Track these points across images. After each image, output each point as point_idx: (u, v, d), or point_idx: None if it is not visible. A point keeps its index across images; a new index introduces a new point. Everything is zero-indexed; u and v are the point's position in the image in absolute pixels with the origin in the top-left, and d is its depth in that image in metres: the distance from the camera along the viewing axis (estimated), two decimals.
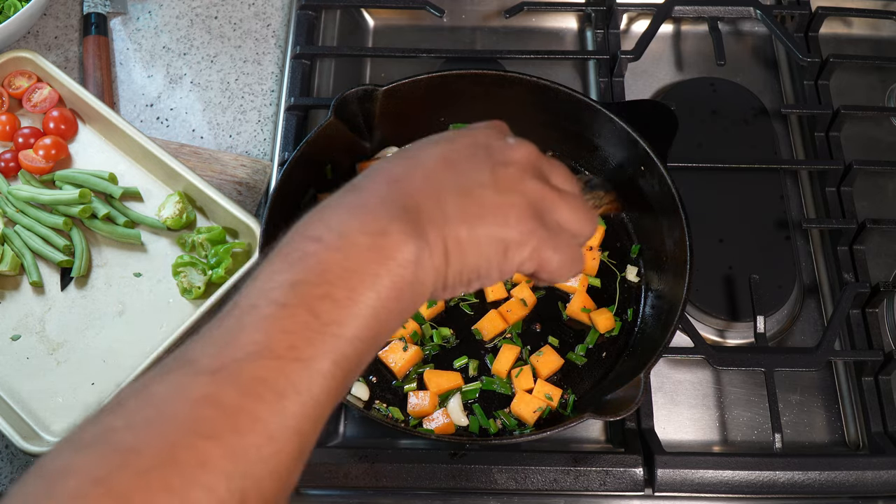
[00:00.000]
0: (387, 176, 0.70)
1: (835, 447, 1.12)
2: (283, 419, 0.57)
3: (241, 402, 0.56)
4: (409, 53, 1.36)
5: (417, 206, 0.67)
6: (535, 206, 0.71)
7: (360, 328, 0.62)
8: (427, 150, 0.72)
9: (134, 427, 0.54)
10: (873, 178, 1.30)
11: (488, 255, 0.69)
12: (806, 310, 1.21)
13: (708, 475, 1.01)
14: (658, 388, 1.14)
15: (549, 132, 1.23)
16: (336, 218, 0.65)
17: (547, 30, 1.46)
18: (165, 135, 1.32)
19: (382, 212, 0.65)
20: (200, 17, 1.43)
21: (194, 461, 0.53)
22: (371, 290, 0.63)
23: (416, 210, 0.66)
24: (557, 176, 0.75)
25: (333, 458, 1.01)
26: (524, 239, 0.69)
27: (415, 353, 1.07)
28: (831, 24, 1.42)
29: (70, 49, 1.39)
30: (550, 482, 1.01)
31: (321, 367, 0.59)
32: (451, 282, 0.69)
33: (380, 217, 0.65)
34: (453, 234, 0.67)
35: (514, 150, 0.73)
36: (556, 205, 0.72)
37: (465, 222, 0.67)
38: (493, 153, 0.72)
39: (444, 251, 0.67)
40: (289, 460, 0.58)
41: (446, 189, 0.68)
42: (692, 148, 1.28)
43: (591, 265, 1.15)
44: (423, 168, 0.70)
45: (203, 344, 0.60)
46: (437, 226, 0.67)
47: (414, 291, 0.66)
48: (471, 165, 0.71)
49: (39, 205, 1.21)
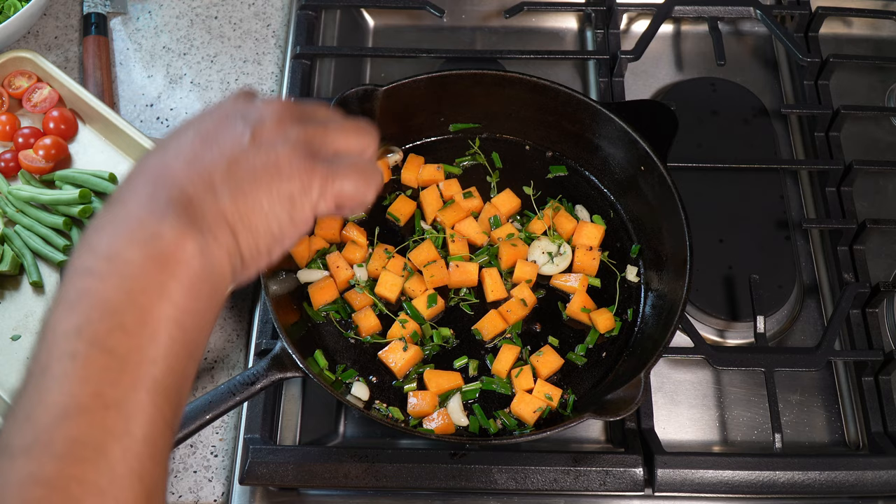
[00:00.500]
0: (146, 174, 0.67)
1: (835, 447, 1.12)
2: (112, 471, 0.54)
3: (64, 470, 0.53)
4: (409, 53, 1.36)
5: (185, 193, 0.64)
6: (305, 147, 0.69)
7: (165, 345, 0.59)
8: (182, 135, 0.70)
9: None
10: (873, 178, 1.30)
11: (276, 214, 0.67)
12: (806, 310, 1.21)
13: (708, 475, 1.01)
14: (658, 388, 1.14)
15: (549, 132, 1.23)
16: (103, 240, 0.62)
17: (547, 30, 1.46)
18: (165, 135, 1.32)
19: (149, 215, 0.62)
20: (200, 17, 1.43)
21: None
22: (162, 302, 0.60)
23: (185, 199, 0.63)
24: (315, 113, 0.74)
25: (333, 458, 1.01)
26: (305, 182, 0.68)
27: (415, 353, 1.07)
28: (831, 24, 1.42)
29: (70, 49, 1.39)
30: (550, 482, 1.01)
31: (136, 402, 0.57)
32: (249, 256, 0.67)
33: (147, 223, 0.62)
34: (231, 208, 0.65)
35: (266, 107, 0.71)
36: (325, 136, 0.71)
37: (239, 191, 0.65)
38: (247, 115, 0.70)
39: (228, 229, 0.65)
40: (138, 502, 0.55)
41: (210, 165, 0.66)
42: (692, 148, 1.28)
43: (591, 265, 1.15)
44: (181, 152, 0.67)
45: (11, 423, 0.56)
46: (211, 206, 0.64)
47: (212, 283, 0.64)
48: (228, 134, 0.68)
49: (39, 205, 1.21)
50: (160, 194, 0.64)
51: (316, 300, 1.12)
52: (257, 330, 1.13)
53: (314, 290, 1.12)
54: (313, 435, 1.10)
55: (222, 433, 1.10)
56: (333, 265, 1.14)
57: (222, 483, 1.07)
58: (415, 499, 1.04)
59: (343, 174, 0.70)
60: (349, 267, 1.14)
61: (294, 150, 0.68)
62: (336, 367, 1.08)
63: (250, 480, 1.00)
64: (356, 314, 1.11)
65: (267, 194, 0.66)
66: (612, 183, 1.21)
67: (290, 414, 1.11)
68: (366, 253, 1.15)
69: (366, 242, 1.16)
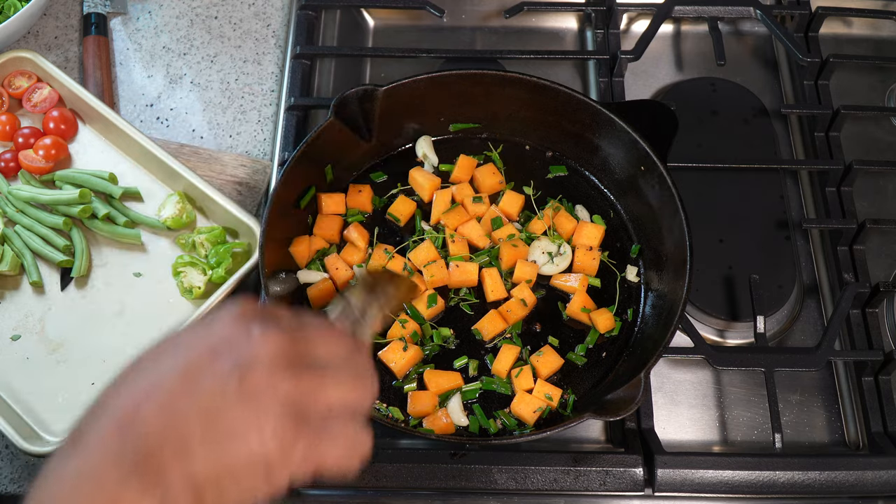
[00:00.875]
0: (116, 417, 0.61)
1: (835, 447, 1.12)
2: None
3: None
4: (409, 53, 1.36)
5: (153, 449, 0.59)
6: (294, 405, 0.62)
7: None
8: (164, 365, 0.63)
9: None
10: (873, 178, 1.30)
11: (250, 483, 0.61)
12: (806, 310, 1.21)
13: (708, 475, 1.01)
14: (658, 388, 1.14)
15: (549, 132, 1.23)
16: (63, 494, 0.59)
17: (547, 30, 1.46)
18: (165, 135, 1.32)
19: (111, 473, 0.58)
20: (200, 17, 1.43)
21: None
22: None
23: (152, 455, 0.59)
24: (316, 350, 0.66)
25: None
26: (287, 449, 0.61)
27: (415, 353, 1.07)
28: (831, 24, 1.42)
29: (70, 49, 1.39)
30: (550, 482, 1.01)
31: None
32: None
33: (107, 482, 0.58)
34: (202, 472, 0.59)
35: (259, 345, 0.63)
36: (319, 391, 0.64)
37: (213, 452, 0.59)
38: (237, 352, 0.62)
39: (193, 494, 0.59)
40: None
41: (187, 416, 0.60)
42: (692, 148, 1.28)
43: (591, 265, 1.15)
44: (159, 393, 0.61)
45: None
46: (180, 466, 0.59)
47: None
48: (213, 377, 0.61)
49: (39, 205, 1.21)
50: (126, 447, 0.59)
51: (315, 302, 1.12)
52: None
53: (313, 292, 1.12)
54: None
55: None
56: (332, 267, 1.14)
57: None
58: (415, 499, 1.04)
59: (329, 442, 0.63)
60: (349, 268, 1.14)
61: (281, 408, 0.61)
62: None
63: None
64: None
65: (241, 460, 0.60)
66: (612, 183, 1.21)
67: None
68: (365, 255, 1.15)
69: (366, 245, 1.16)
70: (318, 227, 1.16)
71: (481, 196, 1.19)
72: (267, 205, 1.08)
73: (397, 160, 1.24)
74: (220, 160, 1.27)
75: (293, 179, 1.12)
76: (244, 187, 1.26)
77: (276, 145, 1.28)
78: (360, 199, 1.19)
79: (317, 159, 1.15)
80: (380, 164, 1.23)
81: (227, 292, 1.12)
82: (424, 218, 1.19)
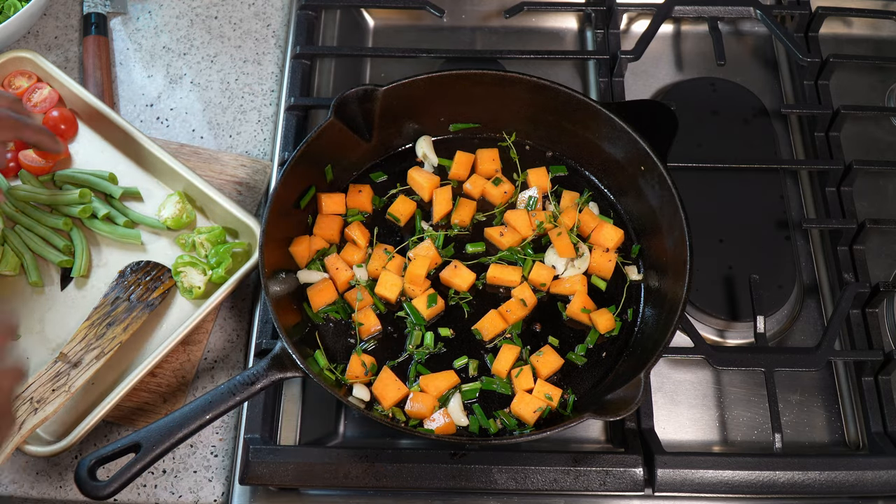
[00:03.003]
0: None
1: (835, 447, 1.12)
2: None
3: None
4: (409, 53, 1.36)
5: None
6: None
7: None
8: None
9: None
10: (873, 178, 1.30)
11: None
12: (806, 310, 1.21)
13: (708, 475, 1.01)
14: (658, 388, 1.14)
15: (549, 132, 1.23)
16: None
17: (547, 30, 1.46)
18: (165, 135, 1.32)
19: None
20: (200, 17, 1.43)
21: None
22: None
23: None
24: None
25: (333, 458, 1.01)
26: None
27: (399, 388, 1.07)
28: (831, 24, 1.42)
29: (70, 49, 1.39)
30: (550, 482, 1.01)
31: None
32: None
33: None
34: None
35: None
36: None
37: None
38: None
39: None
40: None
41: None
42: (692, 148, 1.28)
43: (606, 267, 1.14)
44: None
45: None
46: None
47: None
48: None
49: (39, 205, 1.21)
50: None
51: (315, 303, 1.12)
52: (257, 330, 1.13)
53: (313, 292, 1.12)
54: (313, 435, 1.10)
55: (222, 433, 1.10)
56: (332, 267, 1.14)
57: (222, 483, 1.07)
58: (415, 499, 1.04)
59: None
60: (348, 268, 1.14)
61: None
62: (336, 367, 1.08)
63: (250, 480, 1.00)
64: (356, 314, 1.11)
65: None
66: (612, 183, 1.21)
67: (290, 414, 1.11)
68: (364, 254, 1.15)
69: (366, 244, 1.16)
70: (318, 227, 1.16)
71: (500, 178, 1.20)
72: (267, 205, 1.08)
73: (397, 160, 1.24)
74: (220, 160, 1.28)
75: (293, 179, 1.12)
76: (244, 187, 1.26)
77: (276, 145, 1.28)
78: (360, 199, 1.19)
79: (317, 159, 1.15)
80: (380, 164, 1.23)
81: (228, 292, 1.12)
82: (424, 218, 1.19)
